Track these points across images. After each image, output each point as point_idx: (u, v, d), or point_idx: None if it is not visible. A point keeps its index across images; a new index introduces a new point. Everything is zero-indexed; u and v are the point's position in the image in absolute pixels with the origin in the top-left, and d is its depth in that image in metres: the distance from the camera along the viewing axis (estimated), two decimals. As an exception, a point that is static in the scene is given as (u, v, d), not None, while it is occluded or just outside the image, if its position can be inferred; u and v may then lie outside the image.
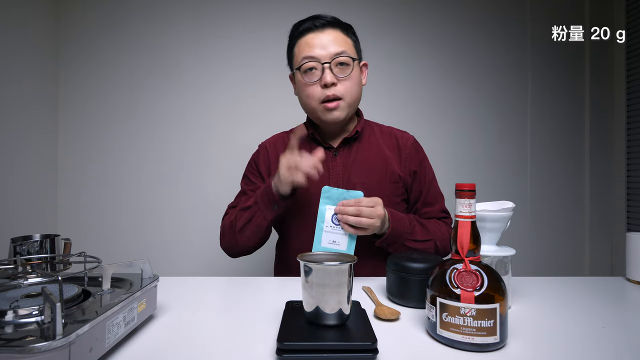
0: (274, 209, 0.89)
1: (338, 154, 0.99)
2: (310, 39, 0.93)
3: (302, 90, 0.96)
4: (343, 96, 0.92)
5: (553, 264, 1.86)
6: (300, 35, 0.95)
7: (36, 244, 0.66)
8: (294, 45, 0.97)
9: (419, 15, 1.82)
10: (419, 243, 0.91)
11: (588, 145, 1.89)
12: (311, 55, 0.91)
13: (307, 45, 0.92)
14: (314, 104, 0.94)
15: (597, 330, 0.57)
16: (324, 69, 0.90)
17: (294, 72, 0.98)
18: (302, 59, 0.93)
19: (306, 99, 0.95)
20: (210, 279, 0.88)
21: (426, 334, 0.54)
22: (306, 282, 0.51)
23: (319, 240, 0.85)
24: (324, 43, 0.91)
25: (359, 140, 1.01)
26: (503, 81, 1.86)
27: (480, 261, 0.52)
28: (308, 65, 0.92)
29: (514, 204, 0.68)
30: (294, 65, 0.97)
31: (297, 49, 0.95)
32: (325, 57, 0.91)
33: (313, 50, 0.91)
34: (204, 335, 0.55)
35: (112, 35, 1.72)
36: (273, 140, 1.08)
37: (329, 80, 0.90)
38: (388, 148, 1.01)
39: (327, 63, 0.90)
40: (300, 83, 0.95)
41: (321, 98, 0.92)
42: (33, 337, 0.38)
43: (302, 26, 0.95)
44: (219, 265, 1.70)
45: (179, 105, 1.75)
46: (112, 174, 1.73)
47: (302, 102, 0.99)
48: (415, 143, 1.05)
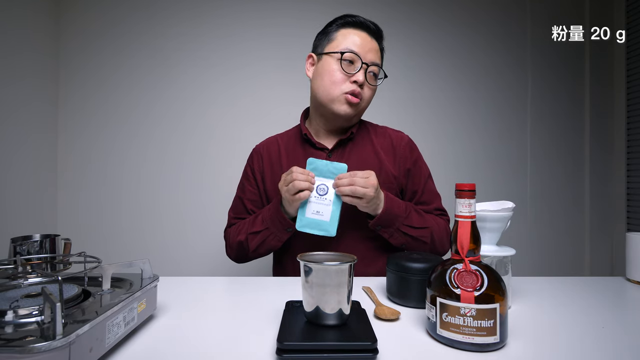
0: (287, 230, 0.90)
1: (332, 155, 0.99)
2: (362, 37, 0.94)
3: (330, 74, 0.94)
4: (362, 99, 0.95)
5: (553, 264, 1.87)
6: (352, 25, 0.95)
7: (36, 244, 0.66)
8: (339, 29, 0.96)
9: (418, 15, 1.82)
10: (414, 230, 0.90)
11: (588, 145, 1.89)
12: (358, 52, 0.92)
13: (359, 40, 0.94)
14: (336, 92, 0.93)
15: (597, 330, 0.57)
16: (361, 68, 0.92)
17: (324, 54, 0.96)
18: (346, 48, 0.93)
19: (330, 84, 0.94)
20: (210, 279, 0.88)
21: (426, 334, 0.54)
22: (306, 282, 0.51)
23: (303, 211, 0.86)
24: (370, 48, 0.94)
25: (353, 141, 1.01)
26: (503, 81, 1.86)
27: (480, 261, 0.52)
28: (351, 57, 0.93)
29: (514, 204, 0.68)
30: (330, 47, 0.96)
31: (343, 37, 0.94)
32: (367, 59, 0.93)
33: (361, 48, 0.93)
34: (204, 335, 0.55)
35: (112, 35, 1.72)
36: (266, 144, 1.08)
37: (361, 79, 0.92)
38: (382, 148, 1.01)
39: (366, 65, 0.93)
40: (332, 67, 0.94)
41: (346, 90, 0.93)
42: (33, 337, 0.38)
43: (358, 19, 0.96)
44: (219, 265, 1.70)
45: (179, 105, 1.75)
46: (112, 173, 1.73)
47: (319, 86, 0.97)
48: (410, 142, 1.05)
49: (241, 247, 0.96)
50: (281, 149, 1.04)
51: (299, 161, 0.99)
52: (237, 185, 1.08)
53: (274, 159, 1.03)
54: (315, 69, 0.99)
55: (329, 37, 0.97)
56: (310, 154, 0.99)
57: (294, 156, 1.01)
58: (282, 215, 0.89)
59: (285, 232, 0.91)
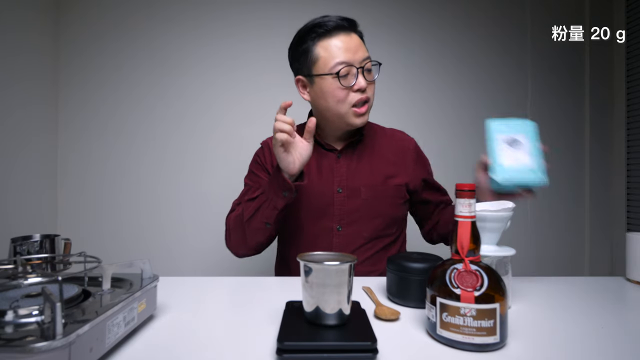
0: (284, 195, 0.84)
1: (342, 157, 0.99)
2: (341, 41, 0.88)
3: (333, 95, 0.90)
4: (370, 99, 0.92)
5: (553, 264, 1.86)
6: (327, 35, 0.89)
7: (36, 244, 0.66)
8: (315, 45, 0.90)
9: (417, 15, 1.82)
10: None
11: (588, 144, 1.89)
12: (346, 61, 0.87)
13: (342, 45, 0.88)
14: (344, 109, 0.90)
15: (596, 330, 0.57)
16: (357, 73, 0.88)
17: (315, 75, 0.91)
18: (336, 63, 0.87)
19: (336, 104, 0.90)
20: (211, 279, 0.88)
21: (426, 334, 0.54)
22: (306, 282, 0.51)
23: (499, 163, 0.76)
24: (355, 47, 0.89)
25: (362, 142, 1.01)
26: (503, 81, 1.86)
27: (480, 261, 0.52)
28: (345, 71, 0.88)
29: (514, 204, 0.68)
30: (319, 68, 0.90)
31: (326, 51, 0.89)
32: (357, 61, 0.88)
33: (347, 55, 0.88)
34: (204, 335, 0.55)
35: (112, 34, 1.72)
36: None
37: (363, 85, 0.89)
38: (391, 151, 1.01)
39: (360, 68, 0.89)
40: (331, 87, 0.89)
41: (352, 102, 0.89)
42: (33, 337, 0.38)
43: (329, 25, 0.89)
44: (220, 265, 1.70)
45: (179, 105, 1.74)
46: (112, 174, 1.73)
47: (325, 108, 0.93)
48: (417, 147, 1.06)
49: (237, 222, 0.91)
50: None
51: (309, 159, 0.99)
52: (237, 185, 1.08)
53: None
54: (313, 92, 0.94)
55: (309, 57, 0.91)
56: (319, 153, 0.99)
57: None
58: (280, 175, 0.83)
59: (281, 197, 0.84)
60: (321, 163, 0.99)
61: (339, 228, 0.95)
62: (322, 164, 0.99)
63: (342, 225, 0.95)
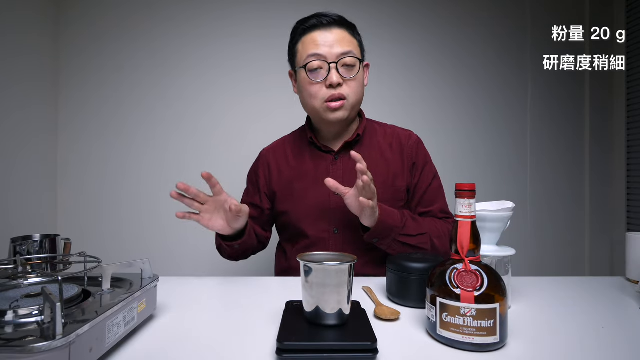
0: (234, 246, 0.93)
1: (339, 158, 0.98)
2: (317, 36, 0.90)
3: (305, 88, 0.93)
4: (348, 96, 0.91)
5: (553, 264, 1.86)
6: (305, 32, 0.92)
7: (36, 244, 0.66)
8: (298, 42, 0.94)
9: (418, 15, 1.82)
10: (412, 238, 0.86)
11: (588, 145, 1.89)
12: (318, 54, 0.89)
13: (313, 43, 0.90)
14: (317, 104, 0.92)
15: (597, 330, 0.57)
16: (330, 68, 0.89)
17: (297, 69, 0.95)
18: (307, 56, 0.90)
19: (309, 98, 0.93)
20: (211, 279, 0.88)
21: (426, 334, 0.54)
22: (306, 282, 0.51)
23: None
24: (331, 42, 0.89)
25: (361, 143, 0.99)
26: (503, 81, 1.86)
27: (480, 261, 0.52)
28: (314, 65, 0.89)
29: (514, 204, 0.68)
30: (297, 62, 0.95)
31: (302, 46, 0.93)
32: (332, 56, 0.89)
33: (319, 49, 0.89)
34: (204, 335, 0.55)
35: (112, 35, 1.72)
36: (273, 147, 1.07)
37: (335, 80, 0.88)
38: (391, 149, 0.99)
39: (333, 63, 0.89)
40: (304, 81, 0.92)
41: (325, 97, 0.90)
42: (33, 337, 0.38)
43: (308, 23, 0.92)
44: (219, 265, 1.69)
45: (179, 106, 1.74)
46: (112, 174, 1.73)
47: (303, 101, 0.97)
48: (418, 141, 1.02)
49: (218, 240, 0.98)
50: (288, 150, 1.03)
51: (306, 162, 0.99)
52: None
53: (281, 161, 1.03)
54: (297, 86, 0.98)
55: (293, 52, 0.96)
56: (317, 156, 0.99)
57: (300, 157, 1.01)
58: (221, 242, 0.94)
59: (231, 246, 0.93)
60: (318, 166, 0.98)
61: (336, 231, 0.94)
62: (318, 166, 0.98)
63: (338, 228, 0.94)
